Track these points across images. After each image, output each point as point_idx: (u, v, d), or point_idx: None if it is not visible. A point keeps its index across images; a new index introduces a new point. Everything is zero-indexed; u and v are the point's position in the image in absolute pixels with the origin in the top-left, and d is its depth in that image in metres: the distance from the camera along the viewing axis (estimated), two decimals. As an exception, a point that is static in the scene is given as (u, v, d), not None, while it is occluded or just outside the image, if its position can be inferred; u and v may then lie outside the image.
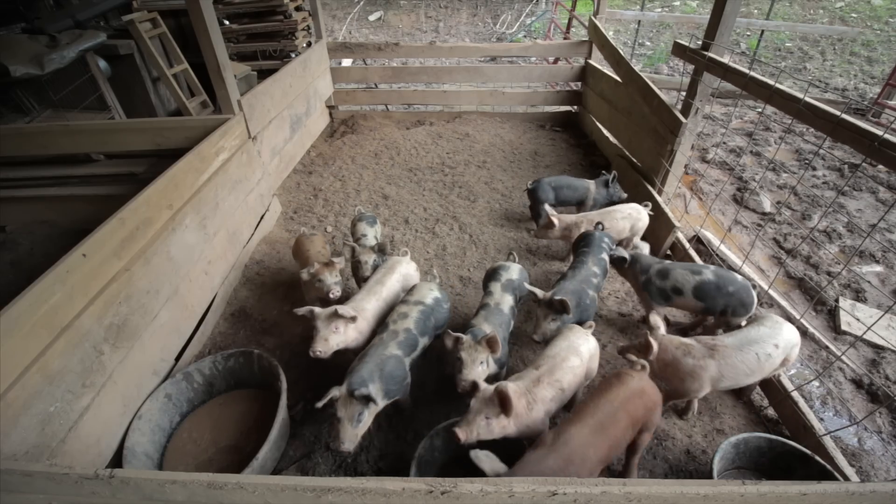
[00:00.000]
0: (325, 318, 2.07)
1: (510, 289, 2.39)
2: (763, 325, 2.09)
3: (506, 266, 2.50)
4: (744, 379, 2.03)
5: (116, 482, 1.20)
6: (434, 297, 2.30)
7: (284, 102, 4.10)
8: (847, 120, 2.02)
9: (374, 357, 1.97)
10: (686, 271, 2.44)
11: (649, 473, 2.05)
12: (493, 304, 2.29)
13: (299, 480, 1.20)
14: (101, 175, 3.65)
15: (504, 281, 2.41)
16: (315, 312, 2.08)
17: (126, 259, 2.12)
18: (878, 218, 4.02)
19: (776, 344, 2.02)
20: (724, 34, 3.07)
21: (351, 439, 1.76)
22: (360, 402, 1.78)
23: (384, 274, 2.48)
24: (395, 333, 2.10)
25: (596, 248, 2.63)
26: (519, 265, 2.56)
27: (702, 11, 11.92)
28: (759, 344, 2.02)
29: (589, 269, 2.49)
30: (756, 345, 2.02)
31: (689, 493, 1.18)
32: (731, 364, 1.99)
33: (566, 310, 2.21)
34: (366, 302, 2.30)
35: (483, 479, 1.21)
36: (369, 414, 1.83)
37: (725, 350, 2.00)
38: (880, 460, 2.21)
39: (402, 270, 2.52)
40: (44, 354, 1.69)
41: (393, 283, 2.44)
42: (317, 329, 2.06)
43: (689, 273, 2.42)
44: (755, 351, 2.00)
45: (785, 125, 5.85)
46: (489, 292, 2.38)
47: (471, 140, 5.13)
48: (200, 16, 2.79)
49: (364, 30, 12.09)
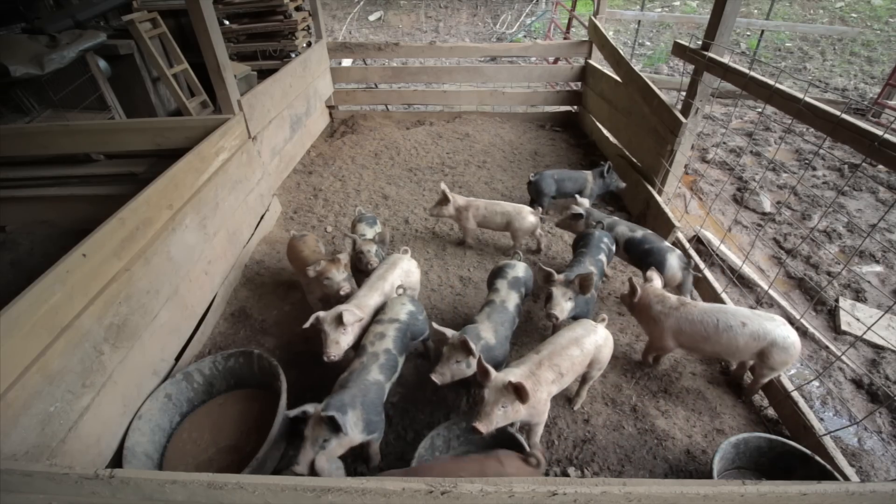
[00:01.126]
0: (332, 322, 2.06)
1: (516, 286, 2.39)
2: (755, 311, 2.14)
3: (512, 264, 2.51)
4: (701, 342, 2.15)
5: (116, 482, 1.19)
6: (408, 312, 2.21)
7: (284, 102, 4.10)
8: (847, 120, 2.02)
9: (357, 383, 1.88)
10: (625, 227, 2.83)
11: (649, 473, 2.05)
12: (499, 301, 2.30)
13: (299, 480, 1.20)
14: (101, 175, 3.65)
15: (511, 279, 2.41)
16: (320, 318, 2.07)
17: (126, 259, 2.12)
18: (878, 218, 4.02)
19: (743, 322, 2.07)
20: (724, 34, 3.08)
21: (305, 463, 1.63)
22: (326, 426, 1.67)
23: (386, 269, 2.48)
24: (375, 356, 2.01)
25: (594, 248, 2.65)
26: (525, 263, 2.57)
27: (702, 11, 11.92)
28: (725, 314, 2.11)
29: (586, 268, 2.50)
30: (722, 314, 2.11)
31: (689, 493, 1.18)
32: (691, 321, 2.15)
33: (585, 289, 2.24)
34: (369, 298, 2.30)
35: (483, 479, 1.21)
36: (338, 444, 1.71)
37: (692, 308, 2.18)
38: (880, 460, 2.21)
39: (403, 266, 2.52)
40: (44, 354, 1.69)
41: (395, 279, 2.45)
42: (326, 333, 2.05)
43: (627, 230, 2.82)
44: (718, 318, 2.10)
45: (785, 125, 5.85)
46: (495, 289, 2.38)
47: (471, 140, 5.13)
48: (200, 16, 2.79)
49: (364, 30, 12.09)
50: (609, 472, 2.04)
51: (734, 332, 2.07)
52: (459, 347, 1.96)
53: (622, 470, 2.05)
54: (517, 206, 3.18)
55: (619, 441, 2.16)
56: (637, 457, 2.10)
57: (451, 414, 2.26)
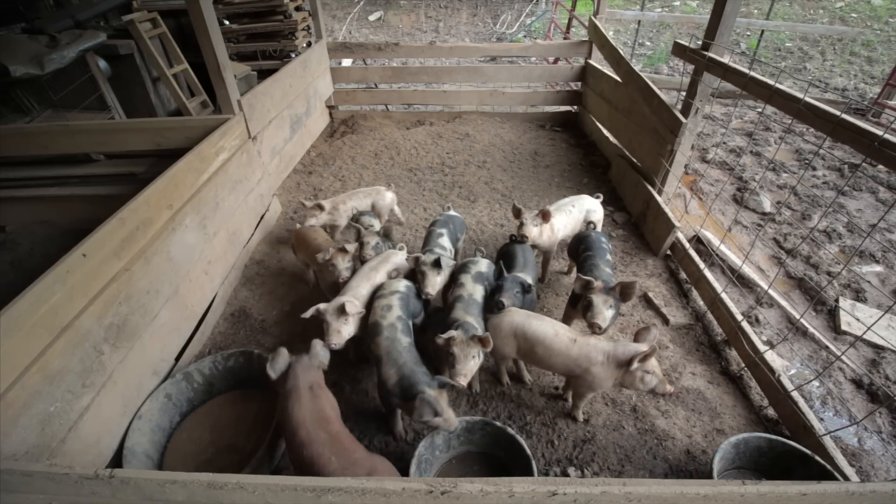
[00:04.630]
0: (334, 312, 2.12)
1: (480, 280, 2.42)
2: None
3: (474, 260, 2.53)
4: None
5: (116, 482, 1.19)
6: (405, 285, 2.36)
7: (284, 102, 4.10)
8: (847, 120, 2.02)
9: (410, 353, 2.03)
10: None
11: (649, 473, 2.05)
12: (467, 295, 2.31)
13: (299, 480, 1.19)
14: (101, 175, 3.65)
15: (474, 273, 2.44)
16: (321, 309, 2.12)
17: (126, 259, 2.12)
18: (878, 218, 4.02)
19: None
20: (724, 34, 3.07)
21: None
22: (475, 343, 1.95)
23: (379, 262, 2.53)
24: (392, 327, 2.11)
25: (599, 249, 2.63)
26: (487, 260, 2.59)
27: (702, 11, 11.92)
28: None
29: (602, 270, 2.47)
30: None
31: (689, 493, 1.18)
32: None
33: (627, 297, 2.19)
34: (361, 288, 2.36)
35: (483, 479, 1.21)
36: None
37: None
38: (880, 460, 2.21)
39: (395, 261, 2.56)
40: (44, 354, 1.69)
41: (385, 271, 2.49)
42: (328, 323, 2.11)
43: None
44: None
45: (785, 125, 5.85)
46: (460, 284, 2.40)
47: (471, 140, 5.13)
48: (200, 16, 2.79)
49: (364, 30, 12.09)
50: (609, 472, 2.04)
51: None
52: (473, 342, 1.98)
53: (622, 470, 2.05)
54: (375, 188, 3.46)
55: (619, 441, 2.16)
56: (637, 457, 2.10)
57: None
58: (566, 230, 3.00)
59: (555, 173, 4.47)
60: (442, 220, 2.90)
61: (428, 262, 2.38)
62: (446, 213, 3.02)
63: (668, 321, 2.79)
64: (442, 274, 2.39)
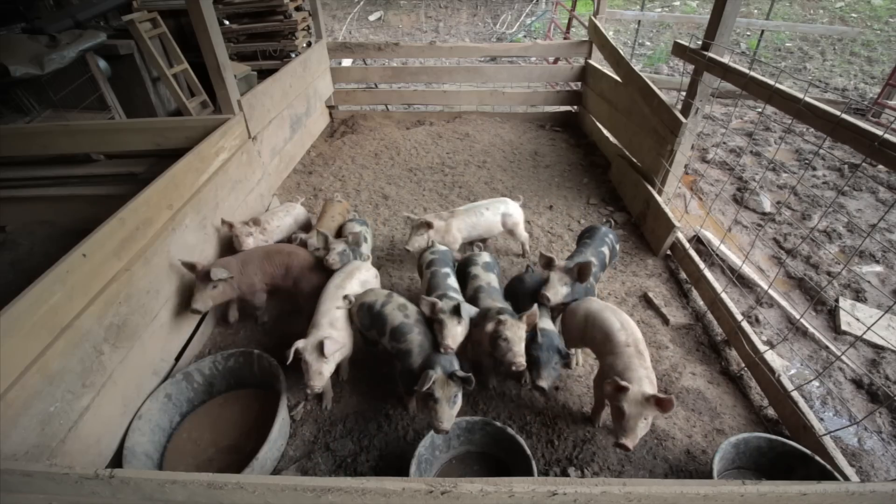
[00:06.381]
0: (314, 351, 1.99)
1: (490, 269, 2.45)
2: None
3: (477, 253, 2.57)
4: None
5: (116, 482, 1.20)
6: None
7: (284, 102, 4.10)
8: (847, 120, 2.02)
9: (418, 347, 2.05)
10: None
11: (649, 473, 2.05)
12: (486, 284, 2.33)
13: (299, 480, 1.20)
14: (101, 175, 3.65)
15: (482, 263, 2.46)
16: (300, 348, 1.99)
17: (126, 259, 2.12)
18: (878, 218, 4.02)
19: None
20: (724, 34, 3.08)
21: (449, 421, 1.84)
22: (455, 384, 1.87)
23: (344, 278, 2.42)
24: (408, 320, 2.16)
25: (598, 241, 2.67)
26: (487, 252, 2.60)
27: (702, 11, 11.92)
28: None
29: (584, 256, 2.53)
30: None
31: (689, 493, 1.18)
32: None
33: (583, 277, 2.27)
34: (336, 311, 2.25)
35: (483, 479, 1.21)
36: (461, 396, 1.92)
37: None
38: (880, 460, 2.21)
39: (360, 277, 2.47)
40: (44, 354, 1.69)
41: (353, 288, 2.39)
42: (307, 364, 1.97)
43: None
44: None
45: (785, 125, 5.85)
46: (473, 276, 2.41)
47: (471, 140, 5.13)
48: (200, 16, 2.79)
49: (364, 30, 12.09)
50: (609, 472, 2.04)
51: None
52: (523, 322, 2.00)
53: (622, 470, 2.05)
54: (292, 205, 3.33)
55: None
56: (637, 457, 2.10)
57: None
58: (475, 231, 3.03)
59: (555, 173, 4.47)
60: (439, 258, 2.57)
61: (447, 309, 2.08)
62: (437, 247, 2.69)
63: (668, 321, 2.79)
64: (463, 323, 2.10)
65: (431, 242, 2.75)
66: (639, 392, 1.75)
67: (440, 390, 1.84)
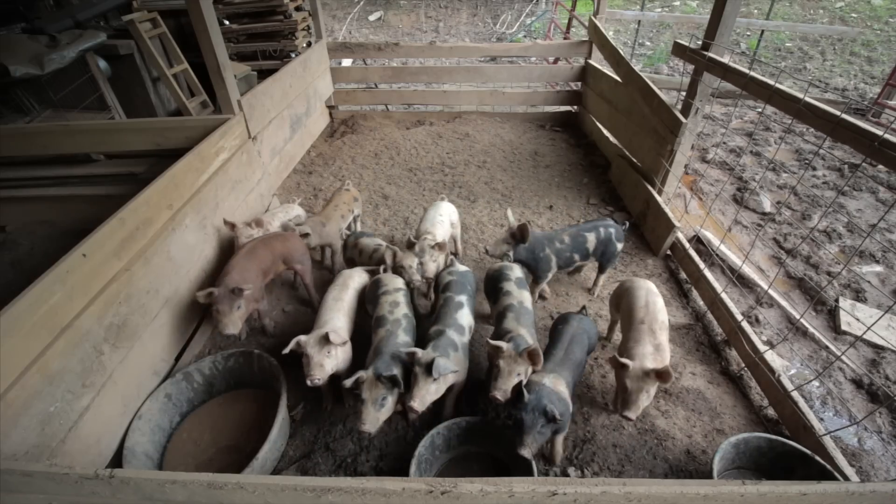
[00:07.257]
0: (316, 344, 1.98)
1: (522, 285, 2.37)
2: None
3: (508, 266, 2.48)
4: None
5: (116, 482, 1.19)
6: (403, 282, 2.45)
7: (284, 102, 4.10)
8: (847, 120, 2.02)
9: (390, 346, 2.04)
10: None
11: (649, 473, 2.05)
12: (518, 304, 2.22)
13: (299, 480, 1.19)
14: (101, 175, 3.65)
15: (515, 279, 2.37)
16: (302, 342, 1.98)
17: (126, 259, 2.12)
18: (878, 218, 4.02)
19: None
20: (724, 34, 3.07)
21: (373, 422, 1.81)
22: (384, 385, 1.83)
23: (339, 289, 2.42)
24: (397, 322, 2.18)
25: (589, 226, 2.77)
26: (517, 264, 2.56)
27: (702, 11, 11.92)
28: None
29: (560, 233, 2.72)
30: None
31: (689, 493, 1.18)
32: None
33: (523, 238, 2.52)
34: (337, 320, 2.23)
35: (483, 479, 1.21)
36: (393, 401, 1.88)
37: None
38: (880, 460, 2.21)
39: (354, 285, 2.48)
40: (44, 354, 1.69)
41: (350, 297, 2.41)
42: (309, 356, 1.96)
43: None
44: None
45: (785, 125, 5.85)
46: (506, 292, 2.29)
47: (471, 140, 5.13)
48: (200, 16, 2.79)
49: (364, 30, 12.09)
50: (609, 472, 2.04)
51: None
52: (522, 359, 1.87)
53: (622, 470, 2.05)
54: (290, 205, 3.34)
55: (618, 441, 2.16)
56: (637, 457, 2.10)
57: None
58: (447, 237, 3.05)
59: (555, 173, 4.47)
60: (457, 280, 2.37)
61: (423, 363, 1.85)
62: (457, 267, 2.50)
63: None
64: (437, 384, 1.86)
65: (451, 261, 2.58)
66: (639, 367, 1.88)
67: (367, 392, 1.82)
